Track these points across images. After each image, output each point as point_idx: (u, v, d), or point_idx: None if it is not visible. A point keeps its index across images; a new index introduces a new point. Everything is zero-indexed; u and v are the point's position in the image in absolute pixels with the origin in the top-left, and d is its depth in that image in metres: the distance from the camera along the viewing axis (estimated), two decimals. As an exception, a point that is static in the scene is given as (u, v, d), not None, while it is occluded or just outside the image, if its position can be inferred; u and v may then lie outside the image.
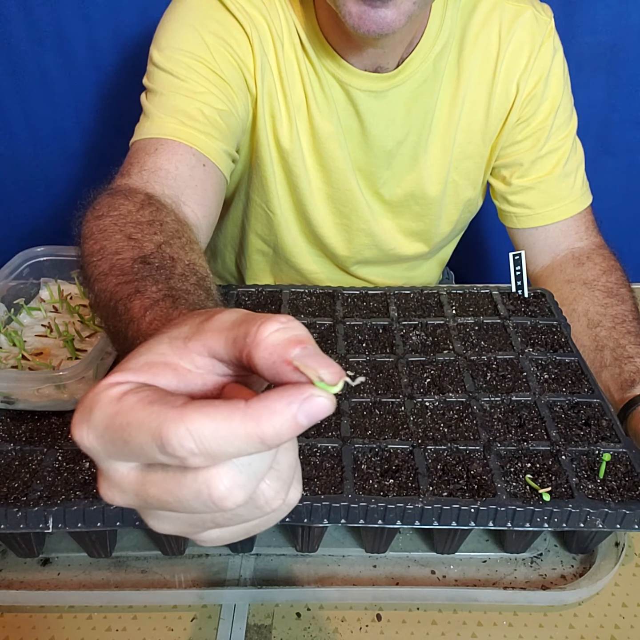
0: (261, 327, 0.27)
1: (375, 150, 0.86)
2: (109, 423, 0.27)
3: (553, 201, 0.89)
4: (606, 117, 1.35)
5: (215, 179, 0.75)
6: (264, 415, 0.25)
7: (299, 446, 0.59)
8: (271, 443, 0.26)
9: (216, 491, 0.26)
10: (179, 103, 0.73)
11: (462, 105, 0.85)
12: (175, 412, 0.26)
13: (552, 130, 0.87)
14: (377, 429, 0.62)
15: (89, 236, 0.60)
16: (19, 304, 0.74)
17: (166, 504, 0.28)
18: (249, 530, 0.31)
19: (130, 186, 0.67)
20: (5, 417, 0.63)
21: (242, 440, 0.25)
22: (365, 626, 0.57)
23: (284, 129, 0.83)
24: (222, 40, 0.76)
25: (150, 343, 0.31)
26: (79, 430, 0.28)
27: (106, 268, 0.55)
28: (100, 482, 0.30)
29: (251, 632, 0.57)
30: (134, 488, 0.28)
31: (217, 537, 0.31)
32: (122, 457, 0.28)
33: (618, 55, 1.29)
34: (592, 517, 0.54)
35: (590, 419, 0.64)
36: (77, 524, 0.54)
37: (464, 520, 0.54)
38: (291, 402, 0.26)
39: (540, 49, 0.84)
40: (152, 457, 0.27)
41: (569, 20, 1.24)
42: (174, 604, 0.59)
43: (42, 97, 1.33)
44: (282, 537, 0.63)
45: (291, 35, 0.80)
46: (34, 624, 0.57)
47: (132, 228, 0.59)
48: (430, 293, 0.81)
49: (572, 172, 0.89)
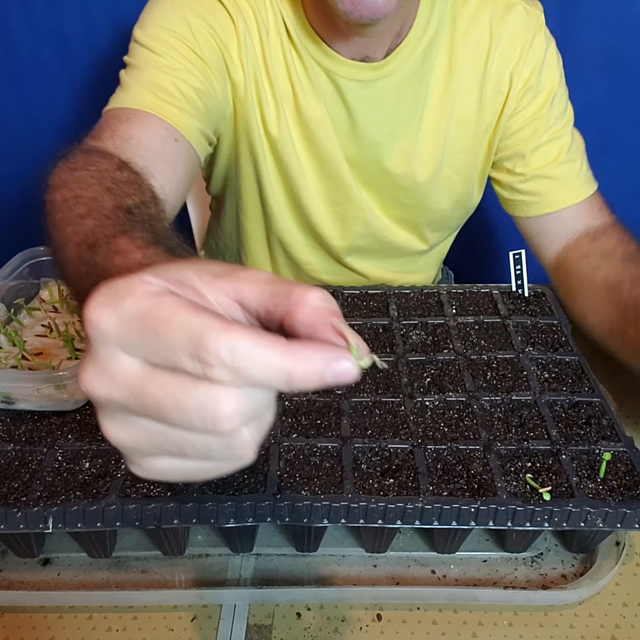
0: (306, 290, 0.29)
1: (364, 140, 0.86)
2: (143, 313, 0.28)
3: (562, 186, 0.88)
4: (606, 117, 1.35)
5: (187, 156, 0.75)
6: (302, 358, 0.27)
7: (299, 446, 0.60)
8: (294, 384, 0.27)
9: (221, 409, 0.27)
10: (155, 77, 0.73)
11: (454, 98, 0.85)
12: (222, 323, 0.27)
13: (551, 120, 0.86)
14: (377, 429, 0.62)
15: (62, 185, 0.56)
16: (19, 304, 0.74)
17: (162, 406, 0.28)
18: (202, 470, 0.32)
19: (104, 149, 0.66)
20: (5, 417, 0.63)
21: (272, 371, 0.27)
22: (366, 626, 0.57)
23: (271, 116, 0.83)
24: (204, 21, 0.76)
25: (174, 266, 0.31)
26: (101, 311, 0.28)
27: (84, 211, 0.51)
28: (87, 368, 0.29)
29: (251, 632, 0.56)
30: (130, 382, 0.29)
31: (167, 467, 0.31)
32: (139, 349, 0.28)
33: (618, 55, 1.29)
34: (593, 516, 0.54)
35: (591, 418, 0.64)
36: (77, 524, 0.53)
37: (464, 520, 0.54)
38: (327, 358, 0.27)
39: (533, 41, 0.84)
40: (175, 357, 0.27)
41: (569, 20, 1.24)
42: (174, 604, 0.58)
43: (42, 97, 1.33)
44: (282, 537, 0.63)
45: (277, 23, 0.81)
46: (34, 624, 0.57)
47: (111, 183, 0.56)
48: (431, 292, 0.81)
49: (576, 159, 0.89)
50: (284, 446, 0.59)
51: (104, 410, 0.31)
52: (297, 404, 0.65)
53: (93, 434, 0.61)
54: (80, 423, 0.63)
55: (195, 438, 0.29)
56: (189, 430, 0.29)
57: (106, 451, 0.59)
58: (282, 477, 0.56)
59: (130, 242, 0.43)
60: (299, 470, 0.57)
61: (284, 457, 0.58)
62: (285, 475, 0.57)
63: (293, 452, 0.59)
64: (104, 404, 0.30)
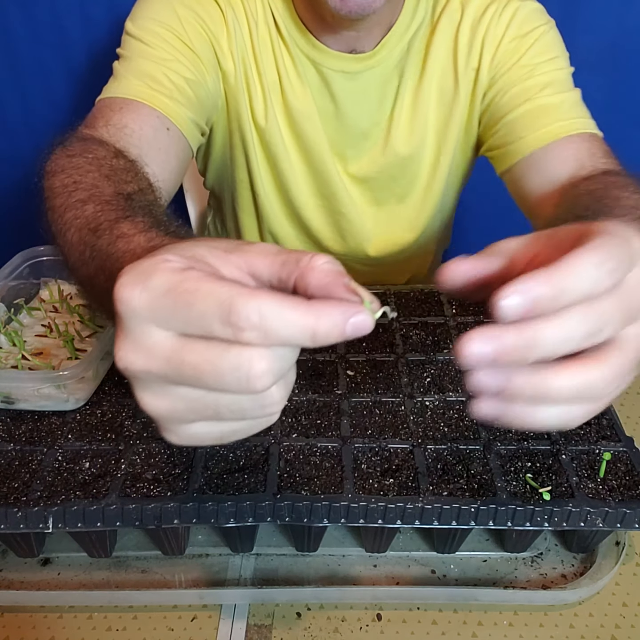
0: (314, 256, 0.31)
1: (350, 132, 0.86)
2: (173, 287, 0.29)
3: (540, 124, 0.77)
4: (606, 117, 1.35)
5: (180, 145, 0.75)
6: (323, 315, 0.29)
7: (299, 446, 0.60)
8: (318, 340, 0.29)
9: (255, 369, 0.29)
10: (146, 67, 0.74)
11: (430, 80, 0.83)
12: (248, 290, 0.29)
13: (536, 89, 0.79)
14: (377, 429, 0.62)
15: (60, 171, 0.57)
16: (19, 304, 0.74)
17: (199, 372, 0.30)
18: (235, 431, 0.34)
19: (100, 137, 0.67)
20: (5, 417, 0.63)
21: (297, 329, 0.29)
22: (366, 626, 0.57)
23: (259, 106, 0.84)
24: (194, 13, 0.77)
25: (185, 244, 0.33)
26: (132, 289, 0.30)
27: (84, 197, 0.52)
28: (122, 346, 0.31)
29: (251, 632, 0.56)
30: (167, 354, 0.30)
31: (202, 432, 0.33)
32: (173, 321, 0.30)
33: (618, 55, 1.28)
34: (593, 516, 0.54)
35: (591, 417, 0.64)
36: (77, 524, 0.53)
37: (464, 520, 0.54)
38: (346, 312, 0.29)
39: (506, 6, 0.81)
40: (207, 325, 0.29)
41: (569, 20, 1.24)
42: (174, 604, 0.59)
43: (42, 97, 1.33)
44: (282, 537, 0.63)
45: (265, 15, 0.81)
46: (34, 624, 0.57)
47: (109, 171, 0.57)
48: (430, 292, 0.81)
49: (559, 100, 0.79)
50: (284, 446, 0.60)
51: (141, 384, 0.33)
52: (297, 404, 0.65)
53: (93, 434, 0.61)
54: (80, 423, 0.63)
55: (230, 400, 0.31)
56: (225, 392, 0.31)
57: (106, 451, 0.59)
58: (282, 477, 0.56)
59: (133, 227, 0.45)
60: (299, 470, 0.57)
61: (284, 457, 0.58)
62: (285, 475, 0.57)
63: (293, 452, 0.59)
64: (141, 377, 0.32)
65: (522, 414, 0.34)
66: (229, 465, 0.58)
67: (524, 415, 0.34)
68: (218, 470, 0.57)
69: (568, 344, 0.32)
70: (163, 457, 0.59)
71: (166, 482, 0.56)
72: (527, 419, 0.34)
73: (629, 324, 0.33)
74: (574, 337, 0.31)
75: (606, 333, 0.32)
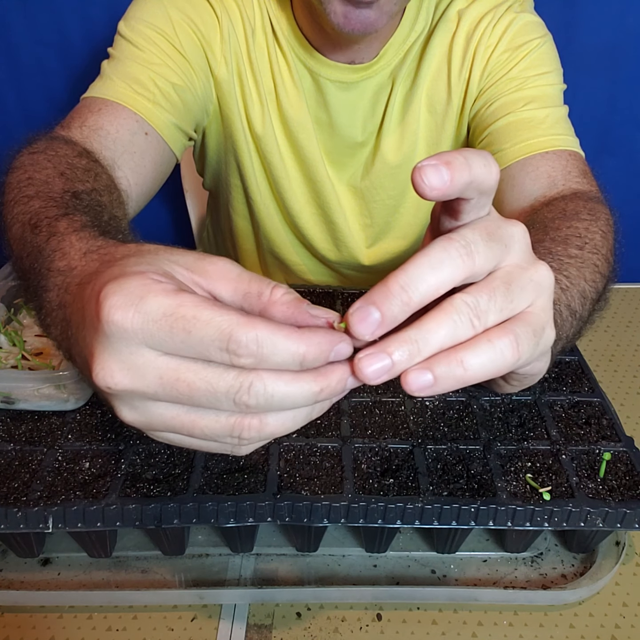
0: (274, 289, 0.33)
1: (344, 141, 0.86)
2: (169, 312, 0.30)
3: (521, 137, 0.75)
4: (606, 117, 1.35)
5: (158, 149, 0.75)
6: (312, 343, 0.31)
7: (299, 445, 0.60)
8: (305, 365, 0.31)
9: (255, 389, 0.31)
10: (132, 70, 0.74)
11: (422, 88, 0.83)
12: (246, 319, 0.30)
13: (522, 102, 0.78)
14: (377, 429, 0.62)
15: (19, 167, 0.58)
16: (19, 304, 0.74)
17: (195, 389, 0.31)
18: (201, 447, 0.35)
19: (70, 137, 0.67)
20: (5, 417, 0.63)
21: (289, 356, 0.31)
22: (366, 626, 0.57)
23: (255, 113, 0.83)
24: (187, 17, 0.77)
25: (150, 256, 0.34)
26: (125, 311, 0.30)
27: (32, 192, 0.53)
28: (106, 364, 0.31)
29: (251, 632, 0.56)
30: (160, 372, 0.31)
31: (173, 439, 0.35)
32: (169, 344, 0.30)
33: (618, 55, 1.29)
34: (593, 516, 0.54)
35: (591, 418, 0.64)
36: (77, 524, 0.53)
37: (464, 520, 0.54)
38: (331, 341, 0.31)
39: (501, 17, 0.79)
40: (204, 350, 0.30)
41: (569, 20, 1.24)
42: (174, 604, 0.58)
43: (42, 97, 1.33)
44: (282, 537, 0.63)
45: (263, 22, 0.81)
46: (34, 624, 0.57)
47: (66, 168, 0.57)
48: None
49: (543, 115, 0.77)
50: (284, 446, 0.60)
51: (121, 400, 0.33)
52: (297, 404, 0.65)
53: (93, 434, 0.61)
54: (80, 423, 0.63)
55: (207, 422, 0.32)
56: (207, 414, 0.32)
57: (106, 451, 0.59)
58: (282, 477, 0.56)
59: (69, 225, 0.45)
60: (299, 470, 0.57)
61: (284, 457, 0.58)
62: (285, 475, 0.57)
63: (293, 452, 0.59)
64: (123, 394, 0.32)
65: (450, 371, 0.32)
66: (228, 465, 0.58)
67: (453, 371, 0.32)
68: (218, 470, 0.57)
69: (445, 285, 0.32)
70: (163, 457, 0.59)
71: (166, 482, 0.56)
72: (458, 372, 0.32)
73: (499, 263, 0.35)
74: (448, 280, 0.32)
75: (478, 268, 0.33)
